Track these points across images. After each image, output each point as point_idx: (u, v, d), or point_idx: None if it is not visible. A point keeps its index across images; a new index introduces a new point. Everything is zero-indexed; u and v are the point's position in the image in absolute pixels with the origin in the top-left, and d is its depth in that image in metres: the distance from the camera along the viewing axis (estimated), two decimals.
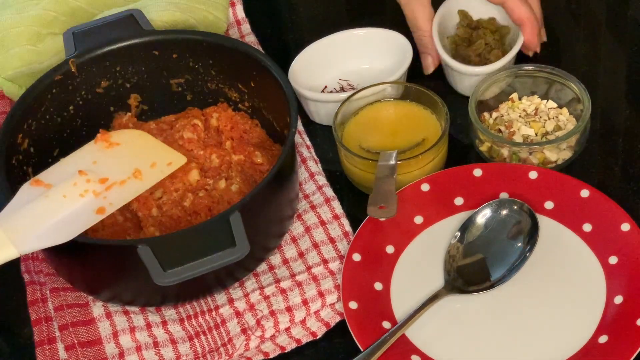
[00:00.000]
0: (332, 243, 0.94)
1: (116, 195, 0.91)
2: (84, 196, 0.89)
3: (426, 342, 0.87)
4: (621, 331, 0.85)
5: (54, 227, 0.86)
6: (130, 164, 0.94)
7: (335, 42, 1.11)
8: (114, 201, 0.91)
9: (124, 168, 0.94)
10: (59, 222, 0.86)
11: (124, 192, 0.92)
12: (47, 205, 0.87)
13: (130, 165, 0.94)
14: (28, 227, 0.85)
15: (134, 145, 0.98)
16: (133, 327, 0.90)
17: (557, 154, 0.98)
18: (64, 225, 0.86)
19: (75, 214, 0.88)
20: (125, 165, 0.94)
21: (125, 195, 0.92)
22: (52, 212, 0.87)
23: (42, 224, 0.85)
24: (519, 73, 1.03)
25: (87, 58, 0.99)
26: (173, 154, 0.97)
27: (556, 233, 0.93)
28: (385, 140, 1.00)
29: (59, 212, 0.87)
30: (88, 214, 0.89)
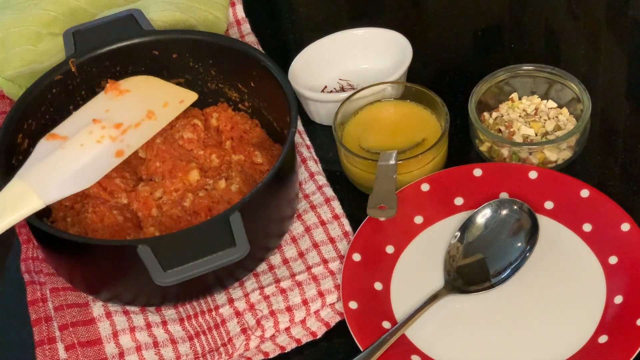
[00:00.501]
0: (332, 243, 0.94)
1: (133, 138, 0.94)
2: (101, 142, 0.92)
3: (426, 342, 0.87)
4: (621, 331, 0.85)
5: (75, 174, 0.89)
6: (142, 107, 0.97)
7: (335, 42, 1.11)
8: (131, 143, 0.94)
9: (137, 112, 0.96)
10: (80, 170, 0.90)
11: (140, 134, 0.95)
12: (66, 155, 0.90)
13: (142, 108, 0.96)
14: (50, 178, 0.87)
15: (143, 90, 0.99)
16: (133, 327, 0.90)
17: (557, 154, 0.98)
18: (85, 171, 0.90)
19: (95, 160, 0.91)
20: (138, 109, 0.97)
21: (141, 137, 0.95)
22: (71, 161, 0.90)
23: (64, 173, 0.88)
24: (519, 73, 1.03)
25: (87, 58, 0.99)
26: (183, 92, 0.99)
27: (556, 233, 0.93)
28: (385, 140, 1.00)
29: (79, 160, 0.90)
30: (107, 158, 0.92)
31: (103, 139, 0.92)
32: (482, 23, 1.18)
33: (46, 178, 0.88)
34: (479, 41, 1.17)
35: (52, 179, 0.88)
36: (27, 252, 0.97)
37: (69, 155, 0.90)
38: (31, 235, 0.96)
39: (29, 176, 0.87)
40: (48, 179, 0.88)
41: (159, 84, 1.01)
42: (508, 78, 1.03)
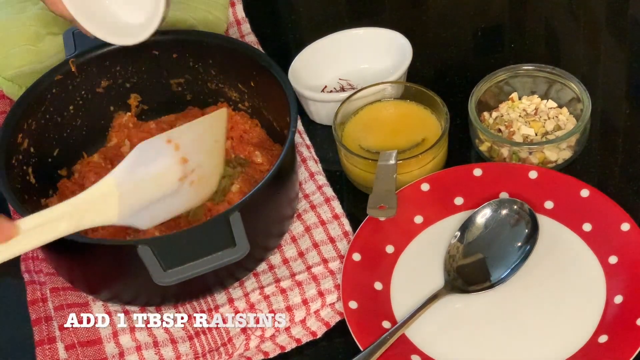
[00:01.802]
0: (332, 243, 0.94)
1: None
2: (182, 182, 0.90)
3: (426, 342, 0.87)
4: (621, 331, 0.85)
5: (157, 209, 0.87)
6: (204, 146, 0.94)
7: (335, 42, 1.11)
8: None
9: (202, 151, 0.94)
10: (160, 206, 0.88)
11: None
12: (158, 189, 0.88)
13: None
14: (132, 200, 0.85)
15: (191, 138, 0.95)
16: (133, 327, 0.90)
17: (557, 153, 0.98)
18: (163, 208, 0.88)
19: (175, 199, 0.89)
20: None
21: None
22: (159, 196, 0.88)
23: (143, 200, 0.86)
24: (519, 73, 1.03)
25: (87, 58, 0.99)
26: (214, 115, 0.96)
27: (556, 233, 0.93)
28: (385, 140, 1.00)
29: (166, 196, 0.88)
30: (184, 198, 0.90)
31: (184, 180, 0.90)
32: (482, 23, 1.18)
33: (128, 199, 0.85)
34: (479, 41, 1.17)
35: (132, 202, 0.85)
36: (27, 252, 0.97)
37: (156, 182, 0.88)
38: None
39: (124, 187, 0.85)
40: (129, 200, 0.85)
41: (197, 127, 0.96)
42: (508, 78, 1.03)
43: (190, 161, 0.90)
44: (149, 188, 0.87)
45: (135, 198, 0.86)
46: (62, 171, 1.00)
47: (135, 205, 0.85)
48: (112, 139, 1.03)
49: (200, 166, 0.91)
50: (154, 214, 0.88)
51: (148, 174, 0.87)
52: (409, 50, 1.07)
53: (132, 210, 0.85)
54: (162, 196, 0.88)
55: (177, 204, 0.90)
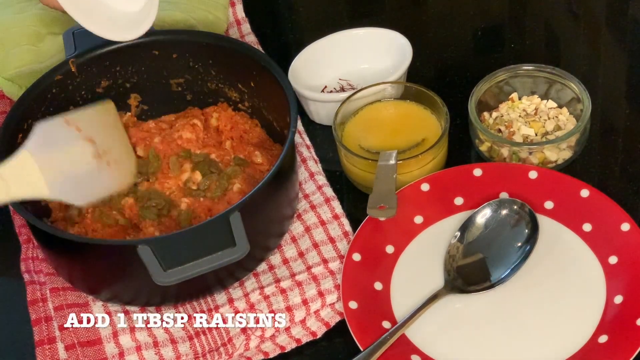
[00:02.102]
0: (332, 243, 0.94)
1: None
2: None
3: (426, 342, 0.87)
4: (621, 331, 0.85)
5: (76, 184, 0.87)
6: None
7: (335, 42, 1.11)
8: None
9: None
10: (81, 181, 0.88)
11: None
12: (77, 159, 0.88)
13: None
14: (57, 172, 0.85)
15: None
16: (133, 327, 0.90)
17: (557, 154, 0.98)
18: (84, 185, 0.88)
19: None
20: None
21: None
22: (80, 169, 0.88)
23: (67, 174, 0.86)
24: (519, 73, 1.03)
25: (87, 58, 0.99)
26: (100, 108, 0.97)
27: (556, 233, 0.93)
28: (385, 140, 1.00)
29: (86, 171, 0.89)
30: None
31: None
32: (482, 23, 1.18)
33: (52, 170, 0.85)
34: (479, 41, 1.17)
35: (57, 174, 0.85)
36: (27, 252, 0.97)
37: (73, 158, 0.88)
38: (31, 235, 0.96)
39: (42, 159, 0.84)
40: (53, 172, 0.85)
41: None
42: (508, 78, 1.03)
43: (98, 142, 0.91)
44: (65, 160, 0.87)
45: (56, 170, 0.85)
46: None
47: (60, 178, 0.85)
48: None
49: (110, 149, 0.92)
50: (85, 192, 0.88)
51: (59, 147, 0.87)
52: (409, 50, 1.07)
53: (60, 183, 0.85)
54: (86, 171, 0.88)
55: (104, 182, 0.91)
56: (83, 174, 0.88)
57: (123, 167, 0.93)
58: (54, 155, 0.86)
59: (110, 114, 0.96)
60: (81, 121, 0.90)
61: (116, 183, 0.92)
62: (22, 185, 0.83)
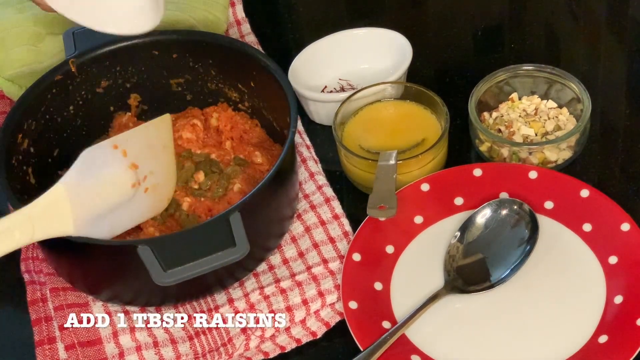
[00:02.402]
0: (332, 243, 0.94)
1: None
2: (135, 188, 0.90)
3: (426, 342, 0.87)
4: (621, 331, 0.85)
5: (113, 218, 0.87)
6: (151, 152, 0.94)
7: (335, 42, 1.11)
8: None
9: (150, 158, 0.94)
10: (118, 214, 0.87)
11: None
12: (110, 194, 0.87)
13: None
14: (87, 208, 0.84)
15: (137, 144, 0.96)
16: (133, 327, 0.90)
17: (557, 154, 0.98)
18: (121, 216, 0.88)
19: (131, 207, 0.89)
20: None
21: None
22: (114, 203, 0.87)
23: (98, 208, 0.85)
24: (518, 73, 1.03)
25: (87, 58, 0.99)
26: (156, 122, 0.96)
27: (556, 233, 0.93)
28: (385, 140, 1.00)
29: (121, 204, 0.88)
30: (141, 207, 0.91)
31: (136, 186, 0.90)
32: (482, 23, 1.18)
33: (81, 207, 0.84)
34: (479, 41, 1.17)
35: (87, 211, 0.84)
36: (27, 252, 0.97)
37: (109, 189, 0.87)
38: None
39: (75, 194, 0.84)
40: (84, 209, 0.84)
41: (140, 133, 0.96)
42: (508, 78, 1.03)
43: (141, 167, 0.90)
44: (101, 194, 0.86)
45: (89, 205, 0.85)
46: (62, 171, 0.99)
47: (91, 213, 0.85)
48: None
49: (152, 173, 0.91)
50: (113, 224, 0.88)
51: (99, 180, 0.86)
52: (409, 50, 1.07)
53: (89, 219, 0.84)
54: (118, 203, 0.88)
55: (136, 212, 0.90)
56: (116, 206, 0.88)
57: (160, 192, 0.93)
58: (91, 186, 0.85)
59: (164, 127, 0.95)
60: (129, 144, 0.90)
61: (148, 211, 0.92)
62: (48, 226, 0.82)
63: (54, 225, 0.82)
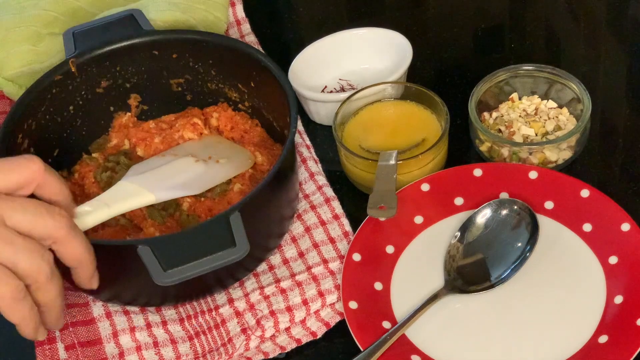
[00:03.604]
0: (332, 243, 0.94)
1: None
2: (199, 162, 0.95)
3: (426, 342, 0.87)
4: (621, 331, 0.85)
5: (183, 183, 0.91)
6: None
7: (335, 42, 1.11)
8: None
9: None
10: (187, 180, 0.92)
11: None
12: (172, 168, 0.93)
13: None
14: (158, 182, 0.90)
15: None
16: (133, 327, 0.90)
17: (557, 154, 0.98)
18: (193, 182, 0.92)
19: (201, 174, 0.94)
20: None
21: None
22: (178, 172, 0.93)
23: (172, 180, 0.91)
24: (519, 73, 1.03)
25: (87, 58, 0.99)
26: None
27: (556, 233, 0.93)
28: (385, 140, 1.00)
29: (186, 172, 0.93)
30: (211, 173, 0.94)
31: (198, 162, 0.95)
32: (482, 23, 1.18)
33: (154, 182, 0.90)
34: (479, 41, 1.17)
35: (160, 183, 0.90)
36: None
37: (175, 167, 0.93)
38: None
39: (138, 181, 0.90)
40: (156, 182, 0.90)
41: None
42: (508, 78, 1.03)
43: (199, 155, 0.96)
44: (168, 171, 0.93)
45: (160, 179, 0.91)
46: (62, 172, 1.00)
47: (167, 182, 0.91)
48: (112, 139, 1.03)
49: (215, 154, 0.96)
50: (199, 184, 0.93)
51: (162, 165, 0.93)
52: (409, 50, 1.07)
53: (167, 186, 0.90)
54: (193, 173, 0.93)
55: (219, 174, 0.94)
56: (192, 175, 0.93)
57: (234, 160, 0.96)
58: (154, 172, 0.91)
59: (245, 163, 0.98)
60: (208, 151, 0.97)
61: (232, 171, 0.95)
62: (122, 201, 0.87)
63: (130, 199, 0.87)
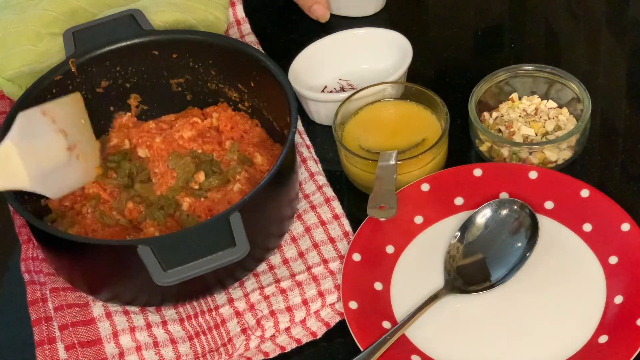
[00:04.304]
0: (332, 243, 0.94)
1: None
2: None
3: (426, 342, 0.87)
4: (621, 331, 0.85)
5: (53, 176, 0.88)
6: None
7: (335, 42, 1.11)
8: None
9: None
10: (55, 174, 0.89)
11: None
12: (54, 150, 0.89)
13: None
14: (34, 162, 0.86)
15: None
16: (133, 327, 0.90)
17: (557, 154, 0.98)
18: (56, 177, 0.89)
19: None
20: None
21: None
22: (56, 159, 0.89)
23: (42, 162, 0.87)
24: (519, 73, 1.03)
25: (87, 58, 0.99)
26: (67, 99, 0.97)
27: (556, 233, 0.93)
28: (385, 140, 1.00)
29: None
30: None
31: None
32: (482, 23, 1.18)
33: (31, 159, 0.86)
34: (479, 41, 1.17)
35: (34, 163, 0.87)
36: (27, 252, 0.97)
37: (49, 148, 0.89)
38: (31, 235, 0.96)
39: (22, 150, 0.86)
40: (33, 164, 0.86)
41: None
42: (508, 78, 1.03)
43: (69, 135, 0.91)
44: (44, 152, 0.88)
45: (35, 161, 0.86)
46: None
47: (40, 169, 0.87)
48: (112, 139, 1.03)
49: (78, 142, 0.93)
50: (59, 184, 0.90)
51: (37, 138, 0.88)
52: (409, 50, 1.07)
53: (39, 175, 0.86)
54: (59, 164, 0.89)
55: (74, 176, 0.92)
56: (57, 166, 0.89)
57: (89, 160, 0.95)
58: (33, 145, 0.87)
59: (78, 106, 0.97)
60: (56, 112, 0.91)
61: (84, 176, 0.94)
62: (4, 176, 0.84)
63: (10, 177, 0.84)
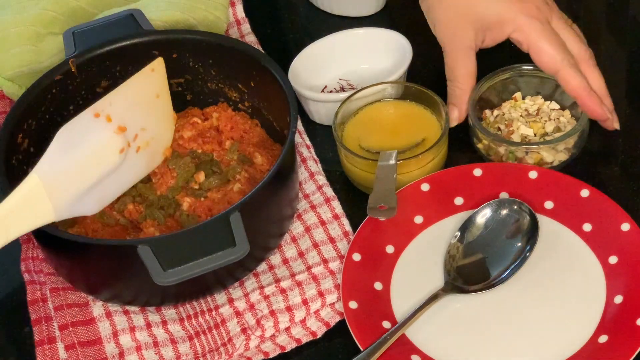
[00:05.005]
0: (332, 243, 0.94)
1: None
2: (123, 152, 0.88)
3: (426, 342, 0.87)
4: (621, 331, 0.85)
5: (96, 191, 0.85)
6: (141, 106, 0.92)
7: (335, 42, 1.11)
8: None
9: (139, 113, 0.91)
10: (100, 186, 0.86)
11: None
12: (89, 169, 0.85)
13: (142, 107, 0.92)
14: (69, 185, 0.82)
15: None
16: (133, 327, 0.90)
17: (553, 155, 0.98)
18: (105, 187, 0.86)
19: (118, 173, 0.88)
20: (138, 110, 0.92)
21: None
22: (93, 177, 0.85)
23: (82, 182, 0.83)
24: (523, 72, 1.03)
25: (87, 58, 0.99)
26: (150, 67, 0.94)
27: (556, 233, 0.93)
28: (385, 140, 1.00)
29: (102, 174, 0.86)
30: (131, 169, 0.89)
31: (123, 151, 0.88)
32: None
33: (63, 186, 0.83)
34: None
35: (69, 188, 0.83)
36: (27, 252, 0.97)
37: (93, 156, 0.85)
38: (31, 235, 0.96)
39: (48, 179, 0.82)
40: (65, 188, 0.83)
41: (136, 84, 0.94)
42: (514, 77, 1.03)
43: (130, 127, 0.87)
44: (84, 171, 0.85)
45: (70, 186, 0.83)
46: None
47: (72, 194, 0.83)
48: None
49: (144, 129, 0.89)
50: (100, 196, 0.86)
51: (80, 157, 0.85)
52: (409, 50, 1.07)
53: (70, 201, 0.83)
54: (104, 175, 0.86)
55: (127, 176, 0.88)
56: (102, 178, 0.87)
57: (155, 146, 0.91)
58: (71, 166, 0.84)
59: (156, 75, 0.91)
60: (113, 107, 0.87)
61: (143, 171, 0.91)
62: (23, 222, 0.81)
63: (31, 218, 0.81)
